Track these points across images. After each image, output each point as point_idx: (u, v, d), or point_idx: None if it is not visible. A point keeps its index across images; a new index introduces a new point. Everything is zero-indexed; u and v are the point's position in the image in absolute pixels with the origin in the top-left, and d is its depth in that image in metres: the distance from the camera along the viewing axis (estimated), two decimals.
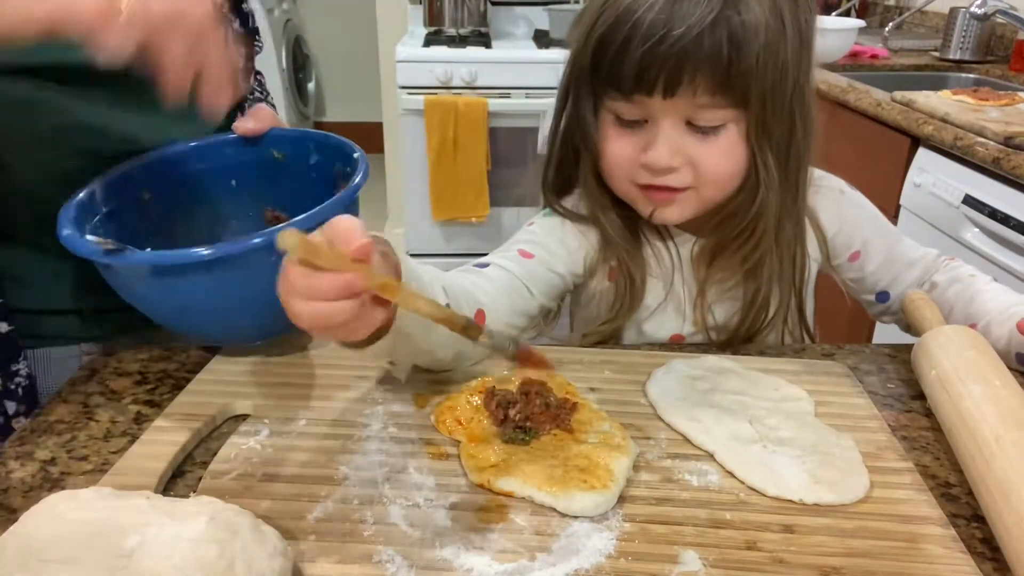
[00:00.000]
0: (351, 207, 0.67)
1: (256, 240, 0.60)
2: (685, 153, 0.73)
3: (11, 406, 0.75)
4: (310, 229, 0.48)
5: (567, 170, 0.85)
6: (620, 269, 0.83)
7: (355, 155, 0.73)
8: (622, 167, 0.76)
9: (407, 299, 0.51)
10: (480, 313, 0.71)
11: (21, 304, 0.75)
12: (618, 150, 0.76)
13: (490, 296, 0.75)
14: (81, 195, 0.69)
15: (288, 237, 0.45)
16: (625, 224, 0.82)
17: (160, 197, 0.76)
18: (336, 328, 0.48)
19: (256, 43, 0.94)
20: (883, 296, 0.88)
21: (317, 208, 0.63)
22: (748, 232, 0.78)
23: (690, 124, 0.72)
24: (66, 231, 0.63)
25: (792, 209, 0.78)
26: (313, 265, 0.46)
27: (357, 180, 0.68)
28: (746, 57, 0.67)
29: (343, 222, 0.48)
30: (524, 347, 0.57)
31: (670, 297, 0.84)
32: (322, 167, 0.77)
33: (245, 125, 0.78)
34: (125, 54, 0.53)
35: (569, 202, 0.86)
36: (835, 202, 0.86)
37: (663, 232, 0.84)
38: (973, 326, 0.75)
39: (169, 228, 0.76)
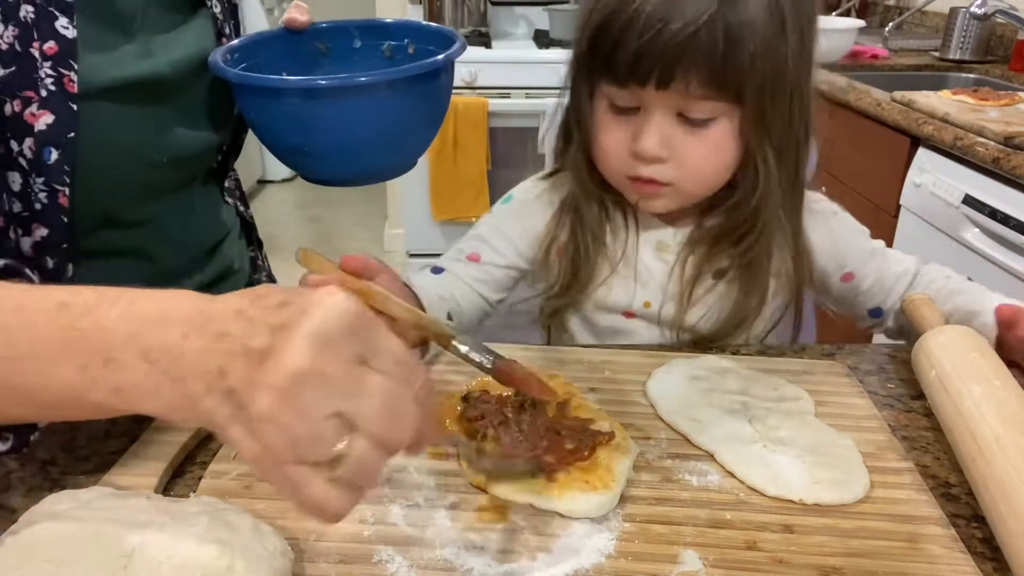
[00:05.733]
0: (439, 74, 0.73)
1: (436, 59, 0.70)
2: (673, 145, 0.74)
3: None
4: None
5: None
6: (572, 240, 0.84)
7: (423, 29, 0.80)
8: (613, 155, 0.77)
9: (383, 304, 0.57)
10: (449, 315, 0.80)
11: None
12: (611, 138, 0.77)
13: (456, 302, 0.82)
14: None
15: (301, 253, 0.59)
16: (598, 215, 0.85)
17: None
18: None
19: None
20: (876, 312, 0.88)
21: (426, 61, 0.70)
22: (748, 226, 0.79)
23: (681, 116, 0.73)
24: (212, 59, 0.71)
25: (791, 204, 0.80)
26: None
27: (458, 43, 0.74)
28: (741, 55, 0.68)
29: (360, 256, 0.61)
30: (504, 366, 0.57)
31: (619, 274, 0.85)
32: (367, 50, 0.81)
33: (293, 16, 0.79)
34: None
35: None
36: (827, 224, 0.86)
37: (626, 217, 0.85)
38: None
39: None
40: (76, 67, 0.62)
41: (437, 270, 0.85)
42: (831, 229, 0.86)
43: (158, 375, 0.39)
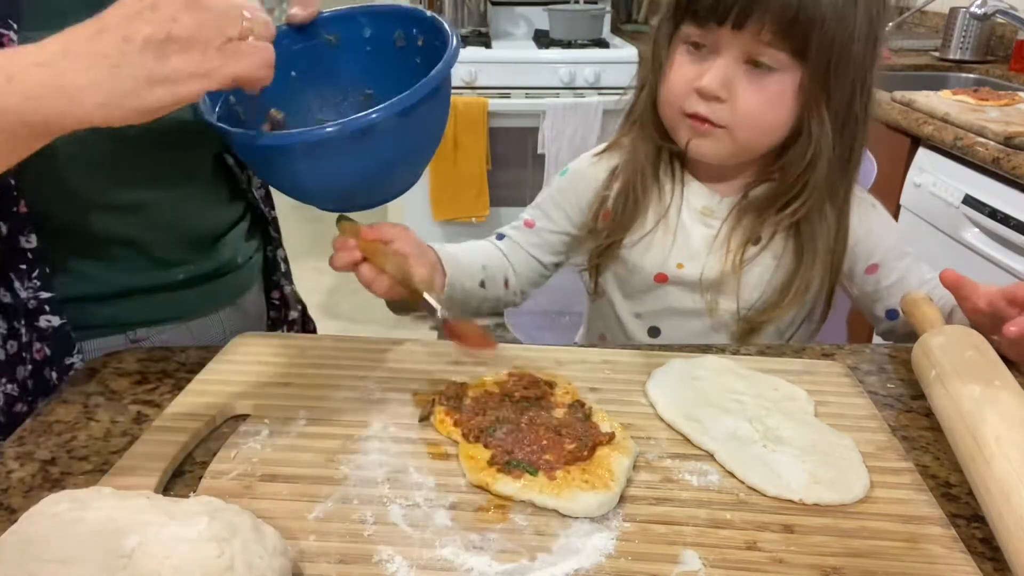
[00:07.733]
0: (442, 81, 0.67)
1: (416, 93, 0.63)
2: (733, 88, 0.80)
3: None
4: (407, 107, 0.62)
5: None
6: (623, 187, 0.90)
7: (427, 20, 0.73)
8: (677, 91, 0.84)
9: (381, 261, 0.73)
10: (506, 281, 0.95)
11: (68, 293, 0.76)
12: (679, 74, 0.84)
13: (511, 267, 0.96)
14: None
15: (339, 221, 0.75)
16: (652, 161, 0.91)
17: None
18: (358, 272, 0.74)
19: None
20: (892, 314, 0.90)
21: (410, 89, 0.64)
22: (798, 189, 0.83)
23: (748, 64, 0.79)
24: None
25: (843, 178, 0.84)
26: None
27: (452, 47, 0.68)
28: (813, 10, 0.75)
29: (377, 227, 0.76)
30: (453, 320, 0.67)
31: (658, 235, 0.90)
32: (379, 39, 0.78)
33: (294, 12, 0.76)
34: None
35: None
36: (865, 213, 0.89)
37: (675, 181, 0.91)
38: None
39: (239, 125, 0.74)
40: (15, 26, 0.63)
41: (500, 236, 0.99)
42: (868, 218, 0.89)
43: (55, 71, 0.51)
